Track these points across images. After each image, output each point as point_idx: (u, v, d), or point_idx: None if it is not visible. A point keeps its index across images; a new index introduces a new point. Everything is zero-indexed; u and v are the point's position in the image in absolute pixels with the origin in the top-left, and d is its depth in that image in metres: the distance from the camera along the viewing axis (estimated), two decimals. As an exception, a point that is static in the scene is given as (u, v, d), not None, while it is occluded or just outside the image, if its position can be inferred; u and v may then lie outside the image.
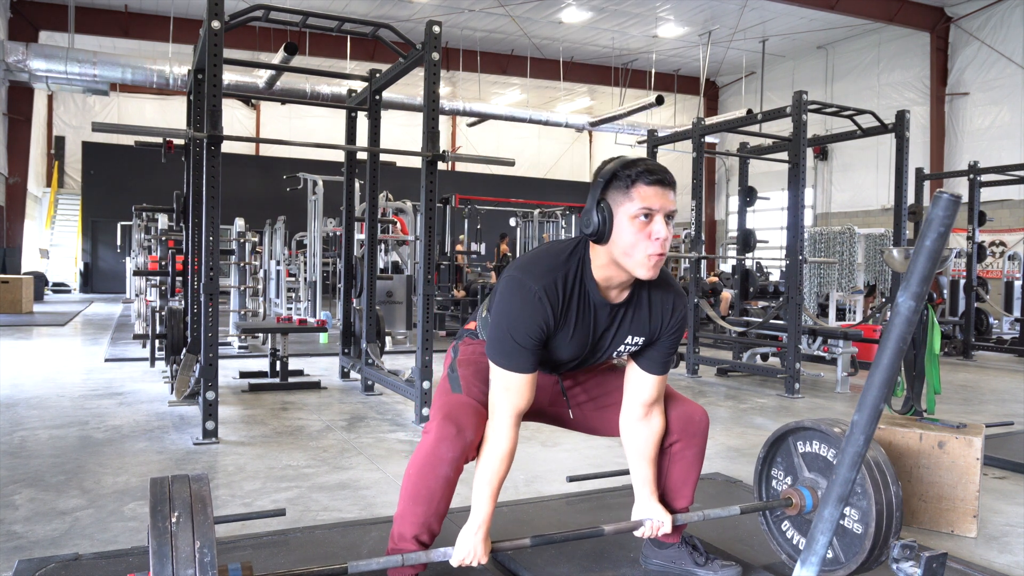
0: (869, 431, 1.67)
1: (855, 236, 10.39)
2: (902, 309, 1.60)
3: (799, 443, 2.25)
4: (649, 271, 1.76)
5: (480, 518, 1.84)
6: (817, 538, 1.72)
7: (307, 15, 4.39)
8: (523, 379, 1.84)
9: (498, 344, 1.83)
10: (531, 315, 1.78)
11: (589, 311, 1.86)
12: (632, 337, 1.93)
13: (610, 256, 1.79)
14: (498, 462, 1.85)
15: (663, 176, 1.75)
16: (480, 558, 1.82)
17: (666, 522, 2.00)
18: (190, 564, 1.31)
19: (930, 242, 1.56)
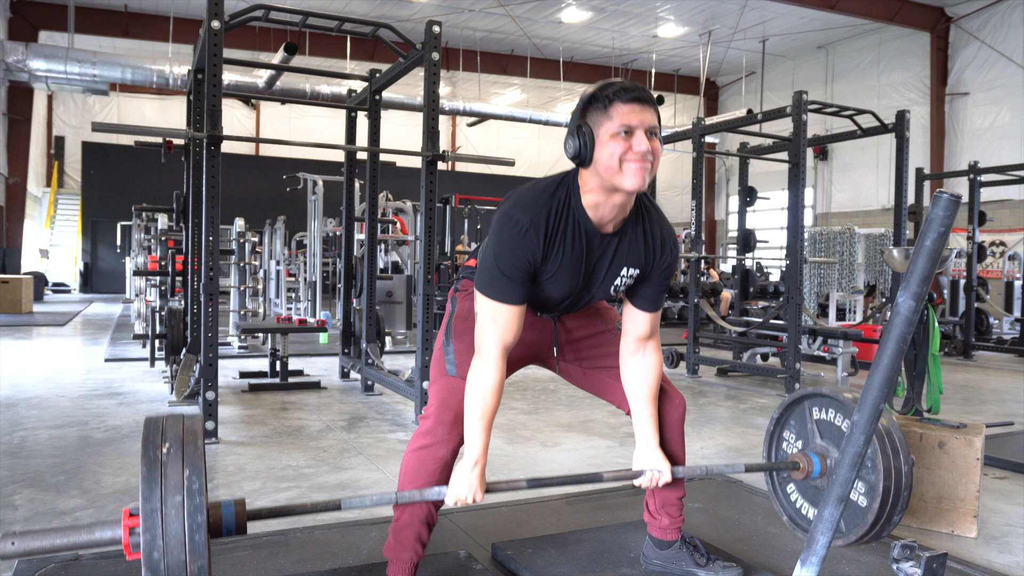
0: (869, 431, 1.67)
1: (855, 236, 10.40)
2: (902, 309, 1.60)
3: (815, 408, 2.23)
4: (634, 180, 1.73)
5: (475, 454, 1.81)
6: (817, 538, 1.72)
7: (307, 15, 4.39)
8: (510, 311, 1.82)
9: (486, 275, 1.82)
10: (519, 245, 1.78)
11: (580, 240, 1.84)
12: (627, 269, 1.92)
13: (597, 179, 1.78)
14: (488, 395, 1.81)
15: (640, 93, 1.74)
16: (476, 495, 1.80)
17: (665, 471, 1.97)
18: (178, 491, 1.30)
19: (930, 242, 1.56)
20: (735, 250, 8.53)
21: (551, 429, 4.32)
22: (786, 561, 2.29)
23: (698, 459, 3.73)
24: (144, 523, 1.28)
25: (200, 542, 1.30)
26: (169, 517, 1.29)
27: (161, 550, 1.28)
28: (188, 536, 1.29)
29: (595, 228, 1.85)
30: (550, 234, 1.80)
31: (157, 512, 1.28)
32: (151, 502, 1.29)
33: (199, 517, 1.30)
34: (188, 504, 1.30)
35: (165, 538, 1.28)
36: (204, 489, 1.33)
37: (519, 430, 4.27)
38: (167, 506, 1.29)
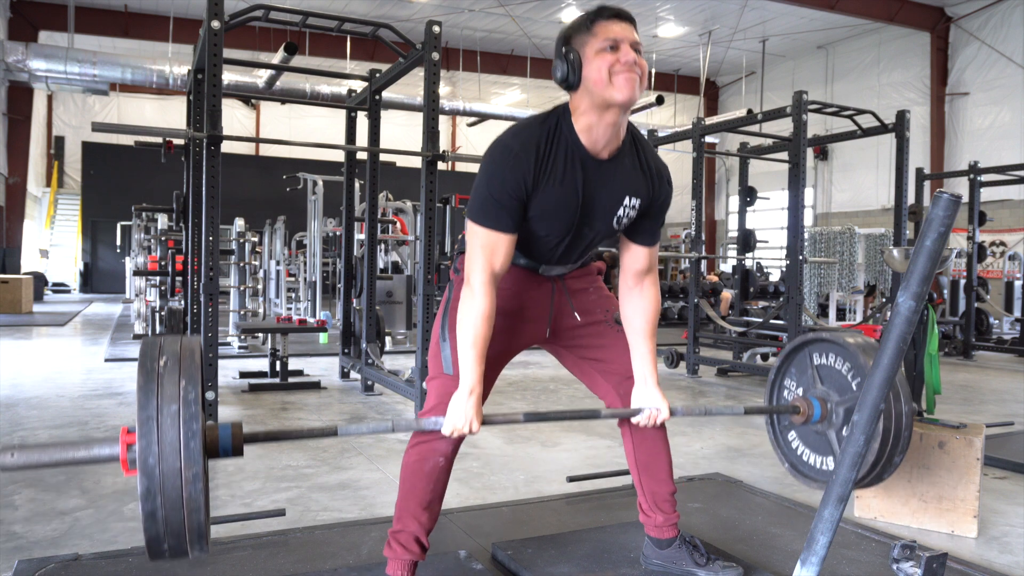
0: (869, 431, 1.67)
1: (855, 236, 10.40)
2: (902, 309, 1.60)
3: (815, 354, 2.23)
4: (623, 90, 1.74)
5: (469, 383, 1.79)
6: (817, 539, 1.72)
7: (307, 15, 4.39)
8: (500, 238, 1.81)
9: (476, 202, 1.82)
10: (510, 169, 1.78)
11: (574, 166, 1.83)
12: (629, 198, 1.91)
13: (588, 98, 1.79)
14: (478, 322, 1.80)
15: (621, 11, 1.80)
16: (473, 424, 1.78)
17: (663, 409, 1.97)
18: (174, 400, 1.31)
19: (930, 242, 1.56)
20: (735, 250, 8.53)
21: (551, 429, 4.32)
22: (786, 561, 2.29)
23: (698, 459, 3.73)
24: (140, 430, 1.27)
25: (195, 449, 1.29)
26: (165, 425, 1.29)
27: (156, 456, 1.27)
28: (183, 443, 1.29)
29: (589, 154, 1.84)
30: (541, 158, 1.80)
31: (153, 420, 1.28)
32: (147, 410, 1.28)
33: (195, 425, 1.30)
34: (184, 412, 1.30)
35: (161, 445, 1.28)
36: (199, 399, 1.33)
37: (519, 430, 4.27)
38: (163, 414, 1.29)
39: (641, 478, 2.14)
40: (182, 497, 1.29)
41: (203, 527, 1.33)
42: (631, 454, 2.14)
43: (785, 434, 2.29)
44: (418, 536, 1.96)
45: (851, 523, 2.68)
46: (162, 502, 1.28)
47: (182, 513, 1.29)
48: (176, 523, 1.30)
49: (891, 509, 2.79)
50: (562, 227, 1.90)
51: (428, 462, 1.94)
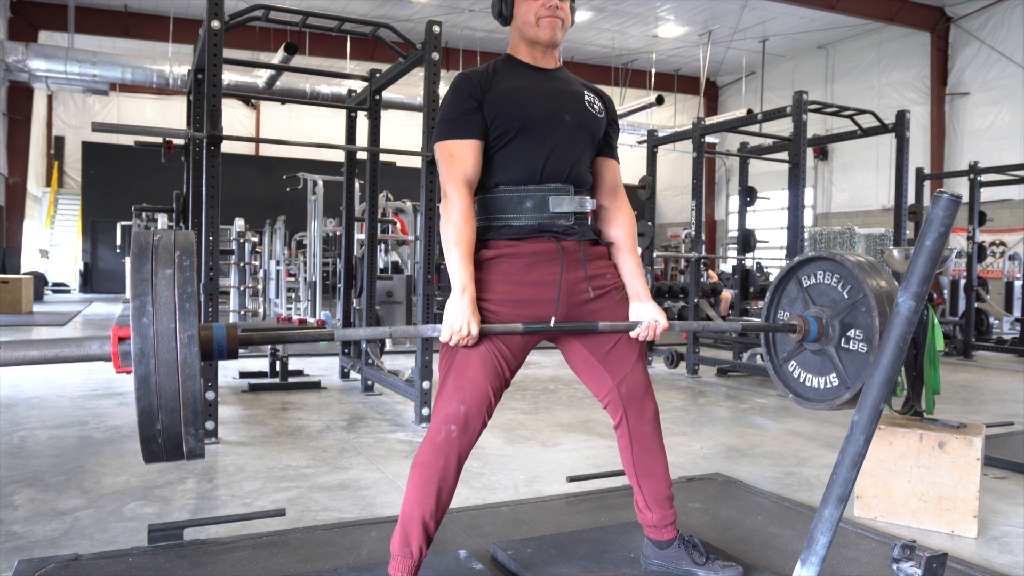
0: (869, 431, 1.67)
1: (855, 236, 10.40)
2: (902, 309, 1.60)
3: (803, 278, 2.24)
4: (546, 31, 1.99)
5: (462, 282, 1.83)
6: (817, 538, 1.72)
7: (307, 15, 4.39)
8: (464, 144, 1.93)
9: (439, 125, 1.98)
10: (463, 86, 1.96)
11: (522, 69, 2.04)
12: (587, 94, 2.09)
13: (519, 34, 2.04)
14: (460, 223, 1.87)
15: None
16: (471, 326, 1.80)
17: (662, 320, 2.00)
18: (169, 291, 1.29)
19: (930, 242, 1.56)
20: (735, 250, 8.53)
21: (551, 429, 4.32)
22: (786, 561, 2.29)
23: (698, 459, 3.73)
24: (134, 323, 1.25)
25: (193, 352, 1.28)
26: (160, 318, 1.27)
27: (152, 351, 1.26)
28: (179, 342, 1.27)
29: (532, 63, 2.06)
30: (490, 74, 2.00)
31: (148, 314, 1.27)
32: (142, 301, 1.26)
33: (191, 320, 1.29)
34: (179, 306, 1.29)
35: (156, 339, 1.26)
36: (196, 295, 1.32)
37: (519, 430, 4.27)
38: (158, 307, 1.27)
39: (639, 479, 2.13)
40: (178, 392, 1.26)
41: (199, 421, 1.31)
42: (627, 455, 2.13)
43: (785, 365, 2.28)
44: (426, 522, 1.91)
45: (851, 523, 2.68)
46: (157, 396, 1.24)
47: (178, 405, 1.26)
48: (171, 419, 1.27)
49: (891, 509, 2.79)
50: (542, 125, 1.98)
51: (440, 433, 1.90)
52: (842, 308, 2.09)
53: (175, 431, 1.30)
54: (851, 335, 2.09)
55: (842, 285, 2.11)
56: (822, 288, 2.18)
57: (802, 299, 2.21)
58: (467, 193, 1.90)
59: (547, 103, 1.99)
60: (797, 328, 2.15)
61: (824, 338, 2.13)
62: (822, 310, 2.15)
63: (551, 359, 7.25)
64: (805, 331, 2.14)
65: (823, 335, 2.13)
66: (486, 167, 1.97)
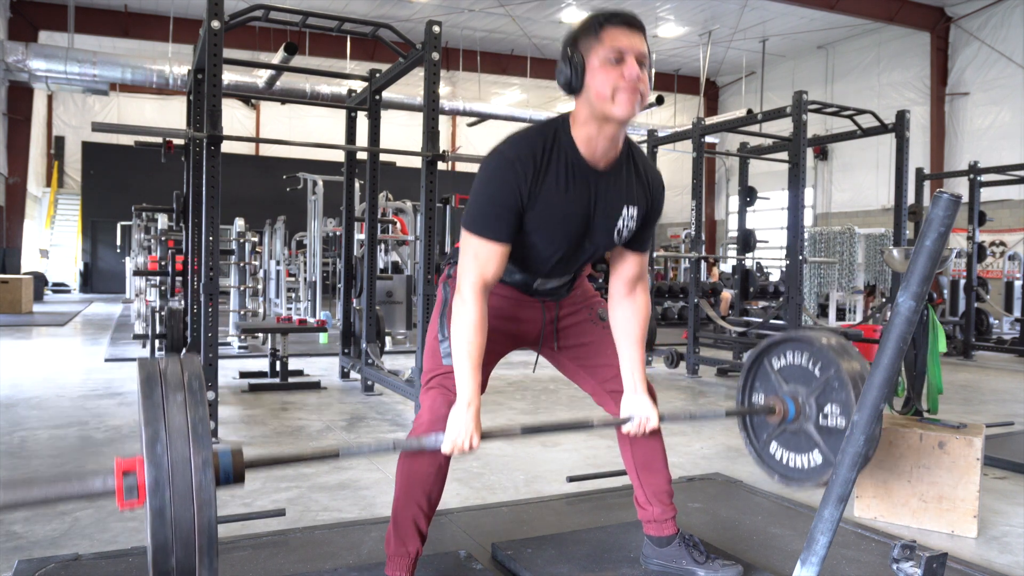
0: (869, 431, 1.67)
1: (855, 236, 10.41)
2: (902, 309, 1.60)
3: (773, 360, 2.24)
4: (624, 108, 1.73)
5: (467, 395, 1.78)
6: (817, 539, 1.72)
7: (307, 15, 4.39)
8: (493, 248, 1.80)
9: (471, 210, 1.81)
10: (505, 178, 1.77)
11: (572, 176, 1.82)
12: (628, 208, 1.91)
13: (588, 108, 1.77)
14: (471, 332, 1.79)
15: (631, 18, 1.75)
16: (473, 439, 1.77)
17: (652, 417, 1.97)
18: (183, 427, 1.29)
19: (930, 242, 1.56)
20: (735, 250, 8.53)
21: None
22: (786, 561, 2.29)
23: (698, 459, 3.73)
24: (147, 455, 1.25)
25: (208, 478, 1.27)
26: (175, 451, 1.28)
27: (168, 483, 1.26)
28: (194, 472, 1.26)
29: (587, 164, 1.83)
30: (538, 167, 1.78)
31: (162, 445, 1.27)
32: (154, 437, 1.26)
33: (205, 452, 1.29)
34: (194, 439, 1.29)
35: (171, 472, 1.27)
36: (208, 424, 1.32)
37: (519, 430, 4.27)
38: (172, 441, 1.27)
39: (639, 475, 2.14)
40: (193, 522, 1.26)
41: (214, 551, 1.30)
42: (627, 451, 2.15)
43: (767, 448, 2.30)
44: (416, 520, 1.92)
45: (851, 523, 2.68)
46: (172, 527, 1.24)
47: (193, 536, 1.26)
48: (186, 552, 1.26)
49: (891, 509, 2.79)
50: (561, 239, 1.89)
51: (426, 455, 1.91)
52: (816, 386, 2.12)
53: (190, 565, 1.28)
54: (828, 411, 2.09)
55: (812, 363, 2.14)
56: (793, 369, 2.20)
57: (775, 380, 2.24)
58: (483, 299, 1.81)
59: (579, 227, 1.87)
60: (776, 410, 2.16)
61: (803, 416, 2.14)
62: (796, 388, 2.17)
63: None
64: (784, 412, 2.15)
65: (801, 414, 2.14)
66: None
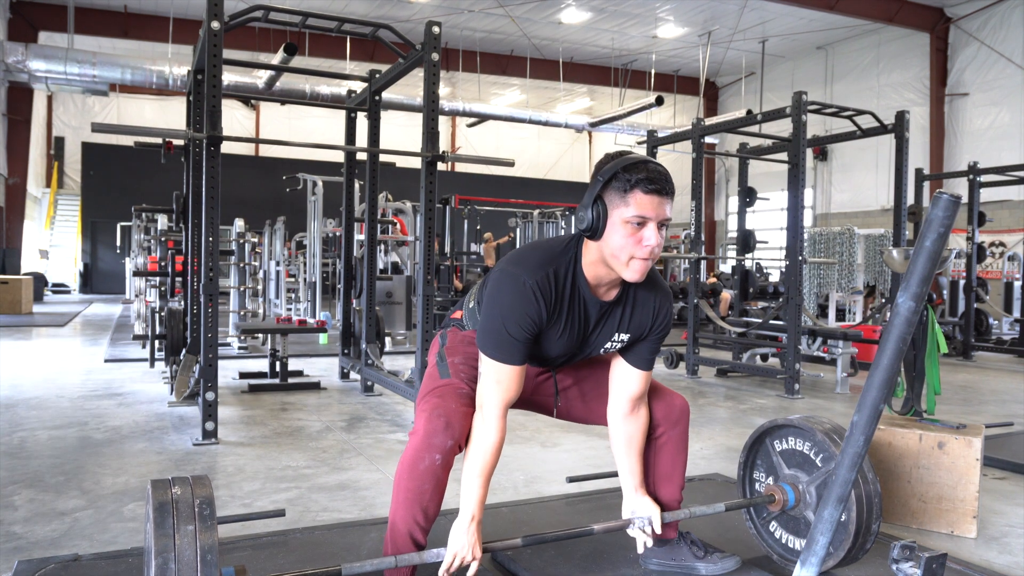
0: (869, 431, 1.67)
1: (855, 236, 10.40)
2: (902, 309, 1.60)
3: (775, 442, 2.29)
4: (635, 275, 1.78)
5: (471, 512, 1.83)
6: (817, 539, 1.72)
7: (307, 15, 4.39)
8: (513, 371, 1.86)
9: (490, 336, 1.84)
10: (524, 308, 1.80)
11: (579, 307, 1.88)
12: (619, 334, 1.96)
13: (600, 254, 1.81)
14: (488, 454, 1.85)
15: (662, 186, 1.74)
16: (475, 551, 1.82)
17: (654, 517, 2.01)
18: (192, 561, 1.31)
19: (930, 243, 1.56)
20: (735, 250, 8.53)
21: (551, 429, 4.32)
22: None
23: (698, 459, 3.73)
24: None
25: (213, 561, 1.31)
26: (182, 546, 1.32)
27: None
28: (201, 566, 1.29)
29: (593, 297, 1.89)
30: (555, 297, 1.84)
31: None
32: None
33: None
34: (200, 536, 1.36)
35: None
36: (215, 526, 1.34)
37: (519, 430, 4.27)
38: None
39: (657, 483, 2.16)
40: None
41: None
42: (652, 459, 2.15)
43: (767, 526, 2.33)
44: (413, 534, 1.91)
45: (851, 523, 2.68)
46: None
47: None
48: None
49: (891, 509, 2.79)
50: (562, 351, 1.97)
51: (423, 461, 1.88)
52: (816, 476, 2.16)
53: None
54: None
55: (814, 452, 2.18)
56: (794, 454, 2.24)
57: (775, 461, 2.28)
58: (504, 419, 1.89)
59: (578, 339, 1.94)
60: (776, 500, 2.20)
61: (802, 504, 2.17)
62: (797, 475, 2.21)
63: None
64: (783, 501, 2.19)
65: (800, 502, 2.17)
66: None
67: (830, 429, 2.16)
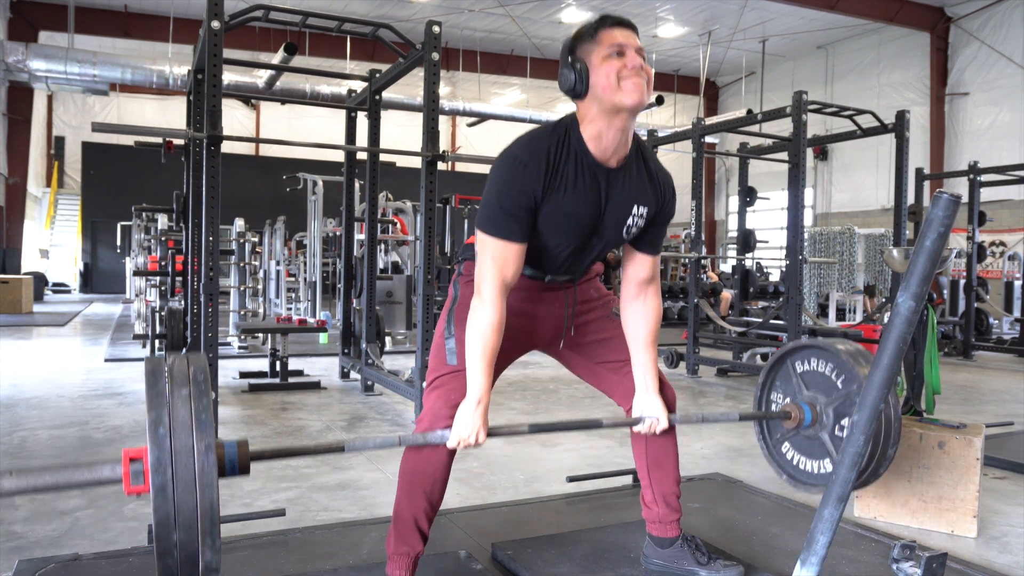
0: (869, 431, 1.67)
1: (855, 236, 10.40)
2: (902, 309, 1.60)
3: (797, 363, 2.25)
4: (633, 93, 1.76)
5: (477, 393, 1.80)
6: (817, 538, 1.72)
7: (307, 15, 4.39)
8: (510, 248, 1.83)
9: (486, 212, 1.84)
10: (518, 180, 1.80)
11: (583, 175, 1.85)
12: (637, 207, 1.93)
13: (596, 105, 1.81)
14: (488, 332, 1.81)
15: (624, 19, 1.83)
16: (480, 435, 1.79)
17: (663, 419, 1.99)
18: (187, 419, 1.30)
19: (930, 242, 1.56)
20: (735, 250, 8.53)
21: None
22: (786, 561, 2.29)
23: (698, 459, 3.73)
24: (151, 446, 1.26)
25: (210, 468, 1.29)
26: (178, 442, 1.28)
27: (170, 473, 1.26)
28: (198, 462, 1.28)
29: (598, 162, 1.86)
30: (551, 167, 1.82)
31: (165, 437, 1.27)
32: (159, 427, 1.27)
33: (208, 441, 1.30)
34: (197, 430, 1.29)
35: (174, 461, 1.27)
36: (213, 417, 1.32)
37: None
38: (175, 432, 1.28)
39: (650, 473, 2.14)
40: (196, 516, 1.28)
41: (217, 538, 1.32)
42: (641, 449, 2.15)
43: (779, 447, 2.30)
44: (418, 520, 1.92)
45: (851, 523, 2.68)
46: (175, 520, 1.27)
47: (196, 526, 1.28)
48: (189, 534, 1.28)
49: (891, 509, 2.79)
50: (572, 237, 1.91)
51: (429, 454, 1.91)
52: (835, 397, 2.12)
53: (192, 547, 1.31)
54: (845, 424, 2.09)
55: (836, 374, 2.14)
56: (816, 375, 2.20)
57: (796, 383, 2.24)
58: (502, 300, 1.83)
59: (589, 226, 1.90)
60: (792, 416, 2.17)
61: (818, 424, 2.14)
62: (816, 396, 2.18)
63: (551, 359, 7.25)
64: (800, 419, 2.16)
65: (817, 422, 2.14)
66: None
67: (855, 351, 2.12)
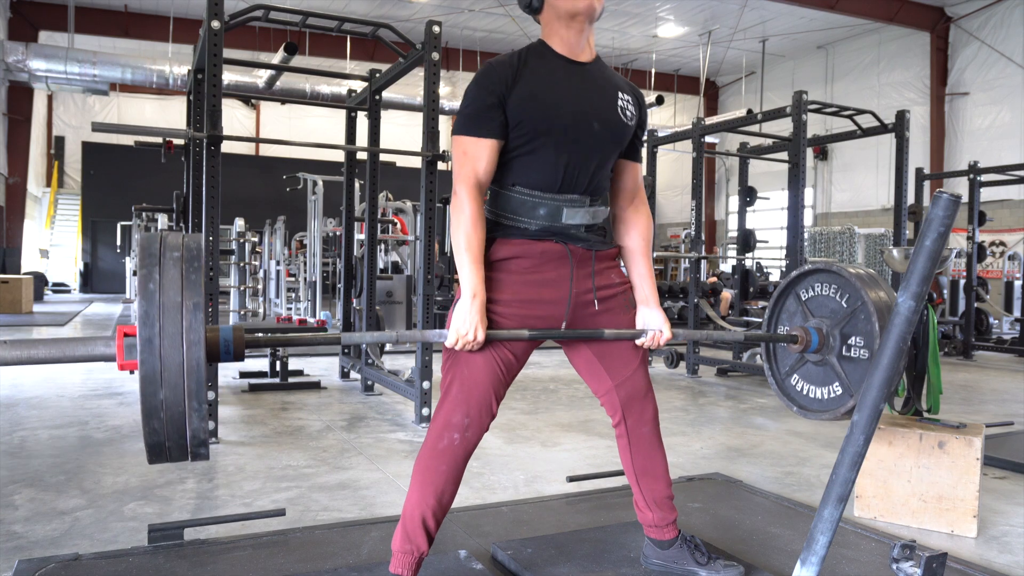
0: (869, 431, 1.67)
1: (855, 236, 10.40)
2: (902, 309, 1.60)
3: (802, 292, 2.27)
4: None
5: (471, 288, 1.82)
6: (817, 538, 1.72)
7: (307, 15, 4.39)
8: (482, 143, 1.87)
9: (460, 119, 1.91)
10: (486, 79, 1.88)
11: (557, 69, 1.93)
12: (622, 94, 2.01)
13: (553, 14, 1.93)
14: (469, 226, 1.85)
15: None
16: (478, 332, 1.80)
17: (665, 330, 2.00)
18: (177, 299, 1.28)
19: (930, 242, 1.56)
20: (735, 250, 8.53)
21: (551, 429, 4.32)
22: (786, 561, 2.29)
23: (698, 459, 3.73)
24: (141, 323, 1.24)
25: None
26: (168, 320, 1.26)
27: (159, 349, 1.24)
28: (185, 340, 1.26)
29: (567, 58, 1.96)
30: (519, 64, 1.91)
31: (155, 315, 1.25)
32: (150, 304, 1.25)
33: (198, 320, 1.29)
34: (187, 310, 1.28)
35: (163, 339, 1.25)
36: (204, 297, 1.31)
37: (519, 430, 4.27)
38: (166, 310, 1.26)
39: (638, 478, 2.13)
40: (184, 395, 1.26)
41: (203, 400, 1.30)
42: (626, 455, 2.12)
43: (788, 379, 2.31)
44: (426, 519, 1.91)
45: (851, 523, 2.68)
46: (164, 396, 1.24)
47: (182, 384, 1.26)
48: (177, 420, 1.26)
49: (891, 509, 2.80)
50: (561, 138, 1.90)
51: (443, 440, 1.90)
52: (841, 317, 2.12)
53: (178, 406, 1.29)
54: (852, 343, 2.10)
55: (840, 295, 2.14)
56: (821, 300, 2.21)
57: (801, 312, 2.24)
58: (477, 195, 1.87)
59: (577, 107, 1.91)
60: (799, 339, 2.17)
61: (825, 348, 2.15)
62: (822, 321, 2.18)
63: (551, 359, 7.25)
64: (807, 342, 2.16)
65: (824, 345, 2.15)
66: (505, 166, 1.94)
67: (861, 273, 2.12)
